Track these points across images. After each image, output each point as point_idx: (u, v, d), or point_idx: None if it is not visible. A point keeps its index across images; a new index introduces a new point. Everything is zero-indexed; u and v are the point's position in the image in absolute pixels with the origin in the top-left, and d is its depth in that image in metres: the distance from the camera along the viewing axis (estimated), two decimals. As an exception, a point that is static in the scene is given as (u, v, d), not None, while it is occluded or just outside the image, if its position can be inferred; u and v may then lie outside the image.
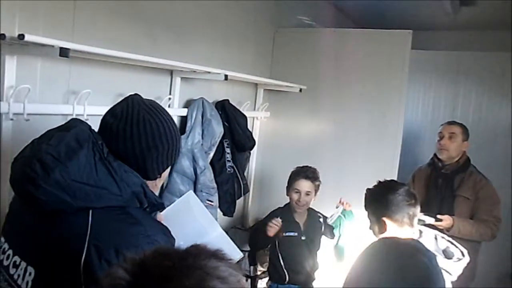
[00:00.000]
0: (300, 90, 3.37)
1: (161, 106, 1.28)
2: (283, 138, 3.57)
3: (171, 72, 2.52)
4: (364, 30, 3.40)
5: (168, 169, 1.31)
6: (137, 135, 1.19)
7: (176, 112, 2.52)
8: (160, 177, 1.28)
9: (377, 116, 3.26)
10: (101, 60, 2.01)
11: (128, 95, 1.26)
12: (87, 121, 1.21)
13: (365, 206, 2.06)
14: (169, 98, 2.43)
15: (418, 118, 4.04)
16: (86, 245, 1.03)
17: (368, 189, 2.08)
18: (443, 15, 3.95)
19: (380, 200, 1.97)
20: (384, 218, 1.93)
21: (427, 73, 3.97)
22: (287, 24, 3.66)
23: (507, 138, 3.68)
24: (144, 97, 1.26)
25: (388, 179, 2.09)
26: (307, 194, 2.77)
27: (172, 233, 1.15)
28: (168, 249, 0.71)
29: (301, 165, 2.84)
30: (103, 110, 1.26)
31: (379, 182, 2.07)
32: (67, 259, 1.05)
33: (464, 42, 4.28)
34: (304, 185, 2.77)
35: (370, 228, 2.04)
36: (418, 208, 1.97)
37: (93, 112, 1.85)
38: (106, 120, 1.22)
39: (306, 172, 2.80)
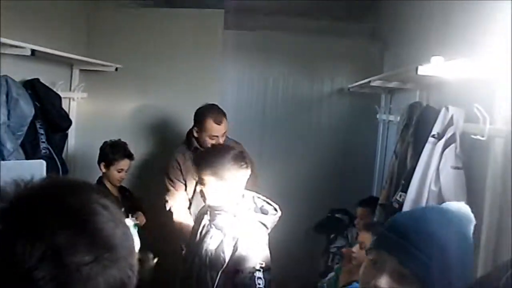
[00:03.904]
0: (116, 69, 3.35)
1: None
2: (102, 118, 3.54)
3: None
4: (179, 10, 3.52)
5: None
6: None
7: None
8: None
9: (193, 95, 3.41)
10: None
11: None
12: None
13: (199, 167, 2.11)
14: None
15: (234, 96, 4.28)
16: None
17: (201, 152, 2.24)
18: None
19: (220, 161, 2.05)
20: (224, 178, 2.03)
21: (242, 52, 4.23)
22: (102, 3, 3.57)
23: (310, 111, 4.20)
24: None
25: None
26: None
27: None
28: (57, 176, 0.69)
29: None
30: None
31: (214, 146, 2.28)
32: None
33: (274, 25, 4.66)
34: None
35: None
36: (249, 171, 2.12)
37: None
38: None
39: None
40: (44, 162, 1.76)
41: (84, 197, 0.65)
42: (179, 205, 2.91)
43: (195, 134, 2.89)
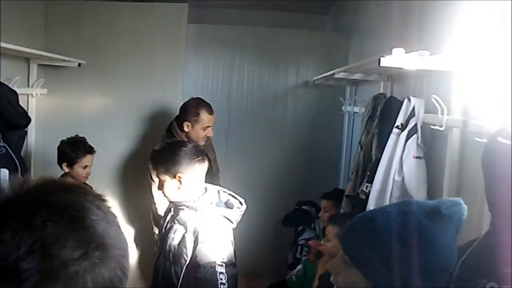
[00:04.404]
0: (79, 64, 3.25)
1: None
2: (64, 115, 3.43)
3: None
4: (140, 3, 3.45)
5: None
6: None
7: None
8: None
9: (158, 90, 3.39)
10: None
11: None
12: None
13: (154, 166, 2.10)
14: None
15: (199, 90, 4.21)
16: None
17: (155, 150, 2.18)
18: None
19: (173, 157, 2.02)
20: (179, 174, 2.00)
21: (206, 45, 4.18)
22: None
23: (275, 104, 4.20)
24: None
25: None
26: None
27: None
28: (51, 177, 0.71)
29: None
30: None
31: (167, 143, 2.20)
32: None
33: (238, 18, 4.63)
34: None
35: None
36: (206, 164, 2.10)
37: None
38: None
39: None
40: (6, 171, 1.68)
41: (77, 195, 0.66)
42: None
43: (186, 129, 2.87)
